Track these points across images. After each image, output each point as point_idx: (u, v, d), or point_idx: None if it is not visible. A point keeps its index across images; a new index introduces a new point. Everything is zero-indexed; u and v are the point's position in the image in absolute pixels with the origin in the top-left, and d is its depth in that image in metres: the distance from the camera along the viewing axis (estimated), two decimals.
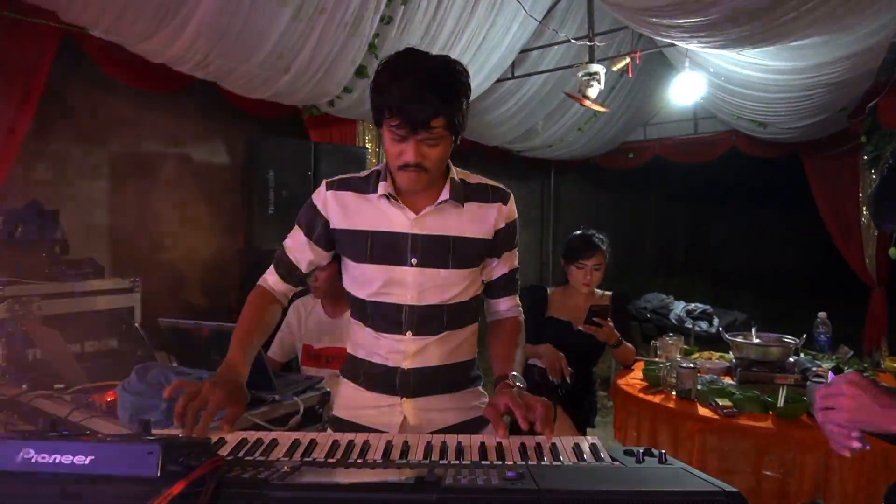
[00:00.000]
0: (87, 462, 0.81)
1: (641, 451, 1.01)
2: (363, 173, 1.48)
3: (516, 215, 1.49)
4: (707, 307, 6.36)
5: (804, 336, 2.52)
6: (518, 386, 1.31)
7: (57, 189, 4.03)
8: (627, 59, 4.58)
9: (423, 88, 1.22)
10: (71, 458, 0.81)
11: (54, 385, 2.03)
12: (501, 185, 1.49)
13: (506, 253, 1.50)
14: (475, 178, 1.48)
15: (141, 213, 4.51)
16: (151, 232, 4.59)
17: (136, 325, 2.39)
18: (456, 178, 1.43)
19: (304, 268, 1.50)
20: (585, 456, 1.04)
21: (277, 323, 1.54)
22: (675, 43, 4.03)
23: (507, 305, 1.56)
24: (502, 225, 1.46)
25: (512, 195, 1.49)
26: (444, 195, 1.39)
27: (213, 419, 1.18)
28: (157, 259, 4.63)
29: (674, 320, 6.11)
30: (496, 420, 1.18)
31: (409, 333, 1.42)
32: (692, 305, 6.29)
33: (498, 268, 1.51)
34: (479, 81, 4.85)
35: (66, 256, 2.77)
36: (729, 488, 0.82)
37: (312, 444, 1.10)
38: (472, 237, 1.42)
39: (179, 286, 4.79)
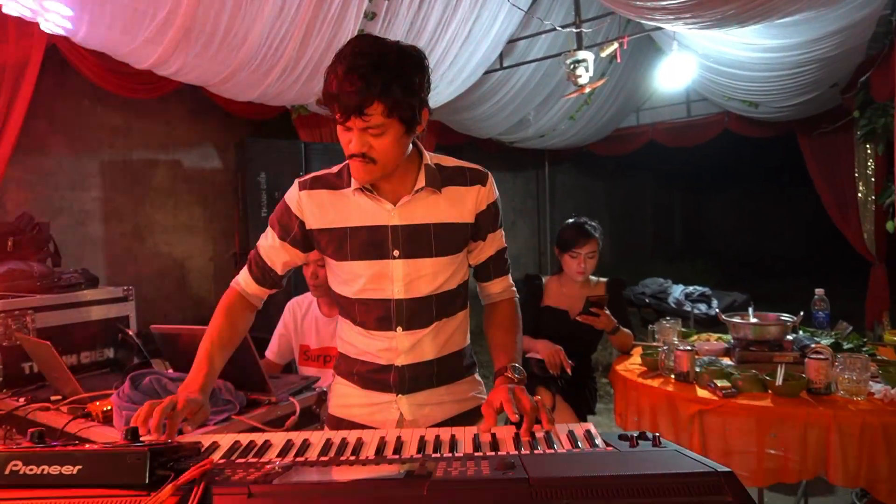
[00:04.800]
0: (75, 472, 0.81)
1: (636, 434, 1.01)
2: (334, 169, 1.43)
3: (497, 195, 1.44)
4: (706, 289, 6.34)
5: (801, 313, 2.51)
6: (517, 378, 1.30)
7: (49, 200, 4.03)
8: (616, 45, 4.57)
9: (353, 74, 1.16)
10: (59, 468, 0.81)
11: (51, 397, 2.04)
12: (479, 167, 1.44)
13: (490, 234, 1.45)
14: (451, 161, 1.43)
15: (134, 220, 4.50)
16: (145, 239, 4.58)
17: (131, 333, 2.38)
18: (430, 163, 1.38)
19: (279, 270, 1.47)
20: (580, 442, 1.04)
21: (252, 326, 1.53)
22: (662, 26, 4.01)
23: (501, 287, 1.52)
24: (483, 207, 1.41)
25: (491, 175, 1.43)
26: (420, 182, 1.35)
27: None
28: (153, 266, 4.63)
29: (672, 304, 6.10)
30: (489, 416, 1.17)
31: (399, 329, 1.39)
32: (690, 288, 6.28)
33: (484, 250, 1.47)
34: (467, 74, 4.81)
35: (59, 268, 2.76)
36: (721, 468, 0.81)
37: (306, 444, 1.09)
38: (453, 222, 1.38)
39: (176, 292, 4.79)
